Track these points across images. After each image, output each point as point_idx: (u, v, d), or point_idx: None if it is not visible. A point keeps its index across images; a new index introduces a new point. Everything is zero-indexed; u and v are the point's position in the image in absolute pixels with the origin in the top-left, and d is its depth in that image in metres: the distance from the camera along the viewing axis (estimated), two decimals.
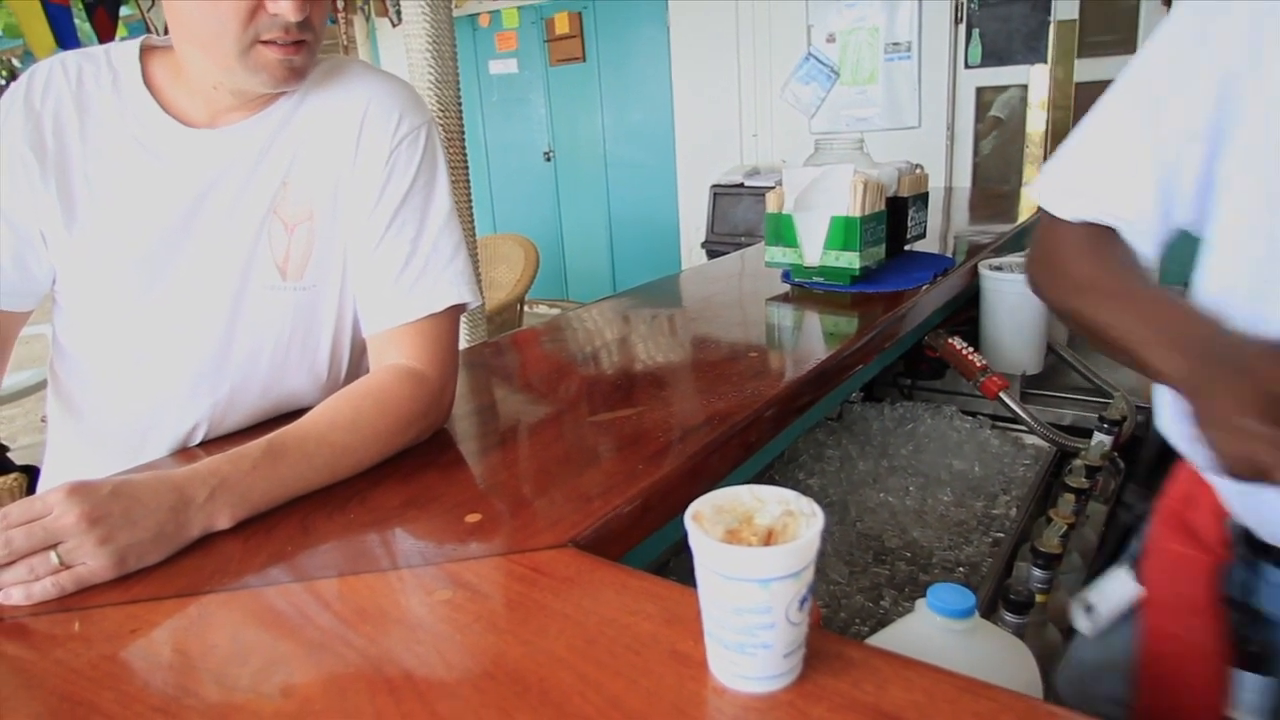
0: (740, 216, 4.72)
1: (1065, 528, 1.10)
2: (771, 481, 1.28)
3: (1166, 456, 0.84)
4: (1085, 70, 3.95)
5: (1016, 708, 0.48)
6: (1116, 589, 0.84)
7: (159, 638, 0.60)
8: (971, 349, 1.53)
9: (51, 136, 0.87)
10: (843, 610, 1.14)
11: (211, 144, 0.89)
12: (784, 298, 1.54)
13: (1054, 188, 0.83)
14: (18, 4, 3.03)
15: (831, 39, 4.61)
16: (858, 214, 1.44)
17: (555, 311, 5.81)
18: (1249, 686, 0.73)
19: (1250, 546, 0.74)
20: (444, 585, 0.64)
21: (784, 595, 0.47)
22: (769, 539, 0.49)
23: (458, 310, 0.95)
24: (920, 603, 0.67)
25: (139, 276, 0.89)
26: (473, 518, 0.74)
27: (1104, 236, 0.78)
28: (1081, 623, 0.87)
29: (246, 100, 0.89)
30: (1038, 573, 1.04)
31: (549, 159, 6.15)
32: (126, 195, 0.88)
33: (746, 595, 0.47)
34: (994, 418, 1.64)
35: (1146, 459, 0.93)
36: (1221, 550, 0.75)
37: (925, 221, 1.75)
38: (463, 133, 2.07)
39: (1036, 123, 4.12)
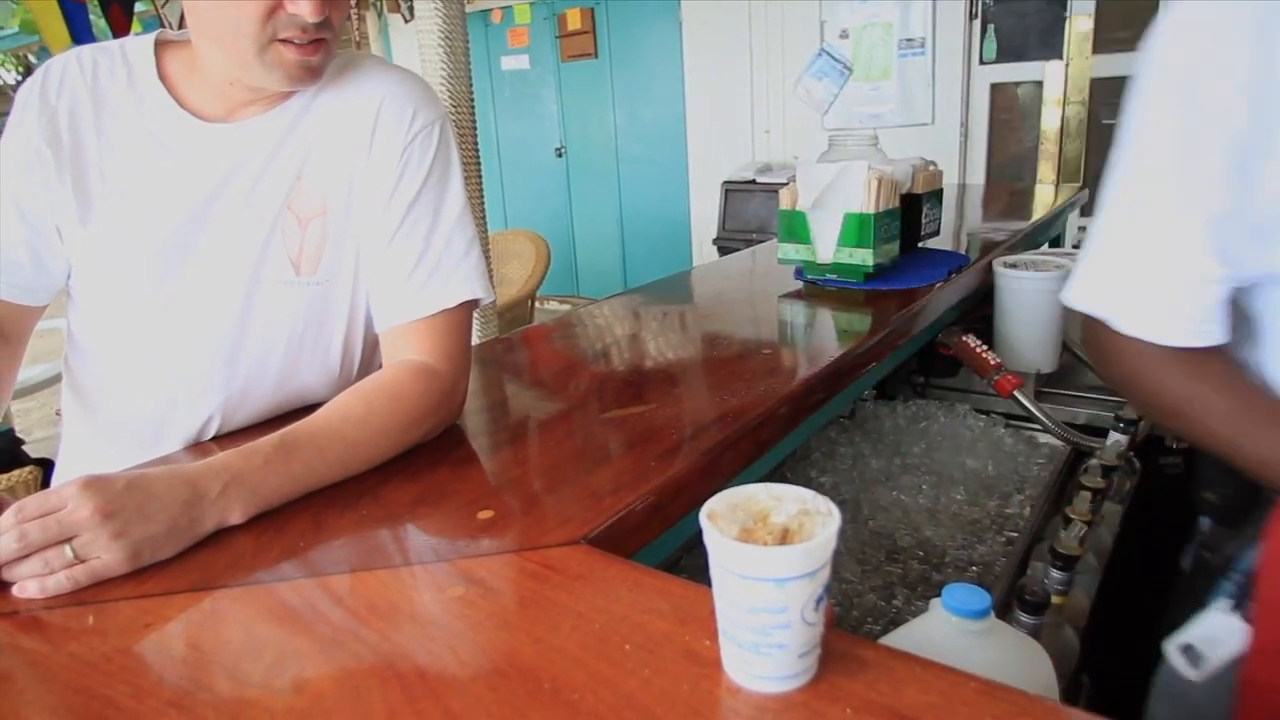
0: (752, 213, 4.71)
1: (1084, 528, 1.09)
2: (783, 479, 1.28)
3: (1257, 501, 0.80)
4: (1101, 66, 3.92)
5: (1034, 710, 0.47)
6: (1223, 632, 0.76)
7: (172, 632, 0.60)
8: (986, 347, 1.51)
9: (67, 131, 0.87)
10: (855, 609, 1.13)
11: (226, 139, 0.89)
12: (796, 295, 1.53)
13: (1126, 308, 0.80)
14: (34, 0, 3.05)
15: (845, 35, 4.59)
16: (872, 210, 1.43)
17: (566, 308, 5.82)
18: None
19: None
20: (456, 582, 0.64)
21: (799, 595, 0.46)
22: (784, 538, 0.49)
23: (470, 306, 0.95)
24: (935, 602, 0.66)
25: (153, 271, 0.89)
26: (485, 514, 0.74)
27: (1198, 354, 0.77)
28: (1183, 667, 0.79)
29: (262, 96, 0.89)
30: (1056, 574, 1.03)
31: (560, 155, 6.15)
32: (141, 190, 0.88)
33: (762, 595, 0.46)
34: (1008, 416, 1.63)
35: (1234, 501, 0.90)
36: None
37: (939, 218, 1.74)
38: (475, 129, 2.07)
39: (1051, 120, 4.09)
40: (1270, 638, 0.72)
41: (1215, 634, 0.76)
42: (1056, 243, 2.59)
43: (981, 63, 4.34)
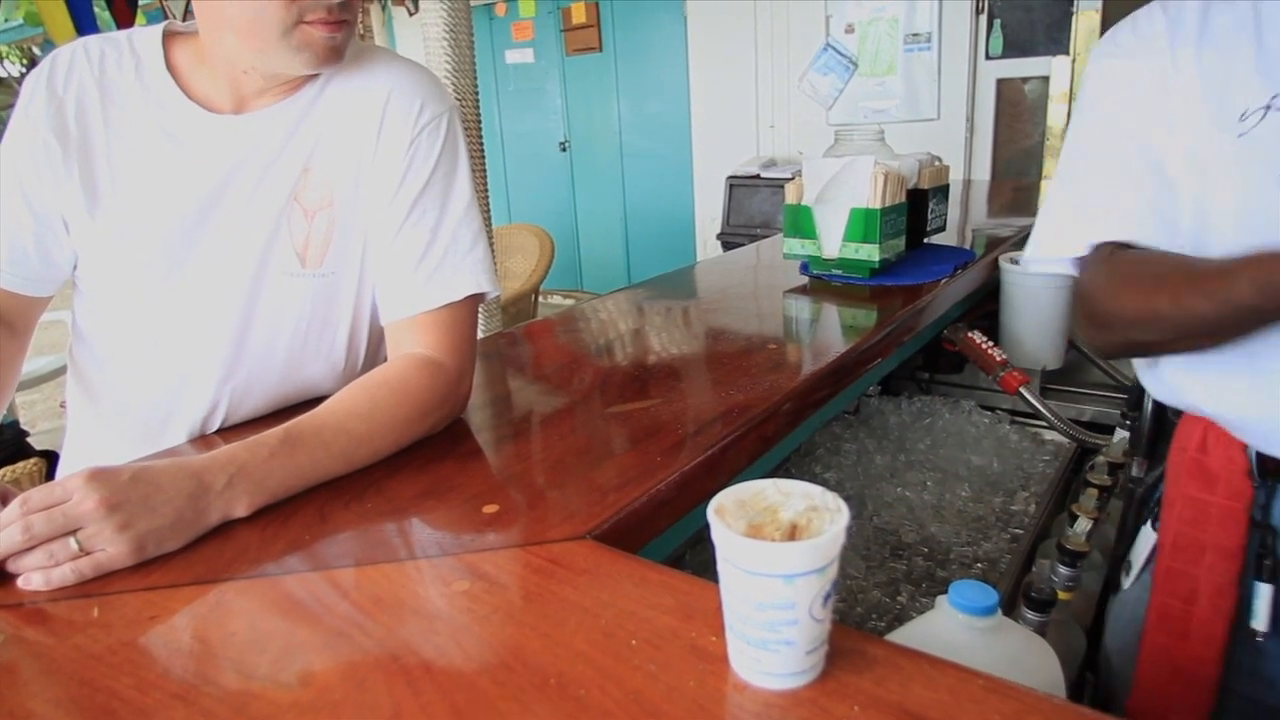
0: (756, 208, 4.69)
1: (1090, 524, 1.09)
2: (788, 475, 1.28)
3: (1164, 426, 0.91)
4: None
5: (1043, 708, 0.47)
6: (1144, 542, 0.89)
7: (178, 624, 0.60)
8: (991, 343, 1.51)
9: (75, 122, 0.86)
10: (859, 605, 1.13)
11: (235, 130, 0.89)
12: (801, 290, 1.53)
13: (1051, 235, 0.89)
14: None
15: (850, 29, 4.57)
16: (878, 206, 1.43)
17: (570, 302, 5.82)
18: (1263, 596, 0.79)
19: (1265, 474, 0.79)
20: (461, 576, 0.64)
21: (808, 591, 0.46)
22: (793, 534, 0.49)
23: (476, 300, 0.94)
24: (941, 599, 0.66)
25: (160, 262, 0.89)
26: (490, 509, 0.74)
27: (1123, 251, 0.82)
28: (1124, 579, 0.92)
29: (274, 84, 0.88)
30: (1063, 570, 1.03)
31: (564, 149, 6.14)
32: (149, 181, 0.88)
33: (770, 591, 0.46)
34: (1013, 413, 1.63)
35: (1144, 435, 1.03)
36: (1243, 481, 0.79)
37: (945, 214, 1.73)
38: (479, 122, 2.06)
39: (1057, 115, 4.07)
40: (1178, 534, 0.83)
41: (1141, 545, 0.91)
42: None
43: (988, 58, 4.31)
